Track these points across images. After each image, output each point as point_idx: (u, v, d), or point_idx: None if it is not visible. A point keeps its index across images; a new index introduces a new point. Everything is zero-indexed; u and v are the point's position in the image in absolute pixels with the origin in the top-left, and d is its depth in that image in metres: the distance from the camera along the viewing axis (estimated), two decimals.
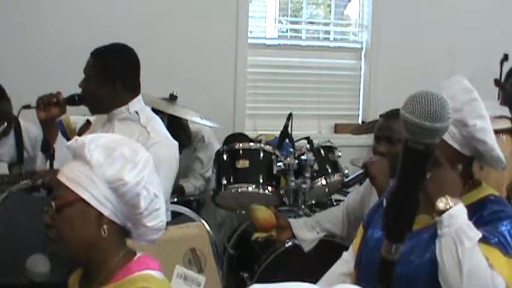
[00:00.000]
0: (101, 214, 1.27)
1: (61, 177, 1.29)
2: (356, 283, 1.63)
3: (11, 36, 3.57)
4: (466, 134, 1.46)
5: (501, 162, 1.50)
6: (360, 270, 1.66)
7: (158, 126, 2.34)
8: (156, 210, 1.30)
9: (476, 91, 1.49)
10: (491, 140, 1.46)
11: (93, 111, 2.43)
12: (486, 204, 1.47)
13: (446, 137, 1.40)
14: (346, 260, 1.79)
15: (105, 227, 1.27)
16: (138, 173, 1.26)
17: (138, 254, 1.34)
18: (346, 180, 2.29)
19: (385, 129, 2.26)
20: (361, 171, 2.26)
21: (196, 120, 3.14)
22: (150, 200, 1.28)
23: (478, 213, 1.45)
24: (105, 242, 1.28)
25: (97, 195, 1.25)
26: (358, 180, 2.29)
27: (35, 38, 3.59)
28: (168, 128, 2.43)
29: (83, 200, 1.26)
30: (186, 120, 3.32)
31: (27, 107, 2.37)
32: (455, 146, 1.46)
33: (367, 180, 2.31)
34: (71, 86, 2.35)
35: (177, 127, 3.10)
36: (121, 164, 1.26)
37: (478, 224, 1.41)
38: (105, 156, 1.26)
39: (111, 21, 3.64)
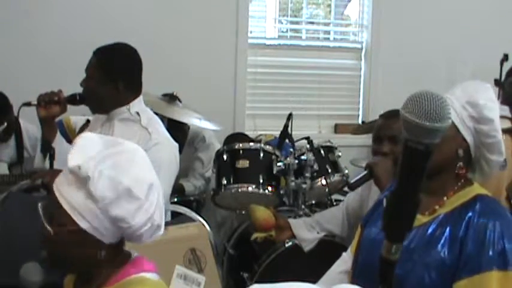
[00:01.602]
0: (99, 240, 1.23)
1: (61, 200, 1.22)
2: (352, 282, 1.63)
3: (14, 34, 3.57)
4: (474, 115, 1.47)
5: (500, 153, 1.50)
6: (356, 269, 1.66)
7: (159, 127, 2.34)
8: (156, 230, 1.28)
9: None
10: (498, 120, 1.48)
11: (94, 111, 2.43)
12: (476, 203, 1.47)
13: (453, 117, 1.40)
14: (345, 260, 1.80)
15: (103, 251, 1.24)
16: (145, 213, 1.21)
17: (133, 255, 1.33)
18: (351, 182, 2.27)
19: (387, 129, 2.25)
20: (365, 172, 2.25)
21: (195, 123, 3.13)
22: (153, 231, 1.26)
23: (468, 215, 1.45)
24: (102, 257, 1.26)
25: (99, 227, 1.21)
26: (363, 181, 2.27)
27: (38, 36, 3.60)
28: (168, 127, 2.43)
29: (83, 229, 1.21)
30: (188, 127, 3.33)
31: (28, 104, 2.36)
32: (460, 127, 1.46)
33: None
34: (73, 85, 2.35)
35: (176, 127, 3.09)
36: (127, 203, 1.19)
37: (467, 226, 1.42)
38: (110, 190, 1.18)
39: (111, 21, 3.65)
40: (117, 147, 1.26)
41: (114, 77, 2.27)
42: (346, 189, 3.04)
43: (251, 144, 2.96)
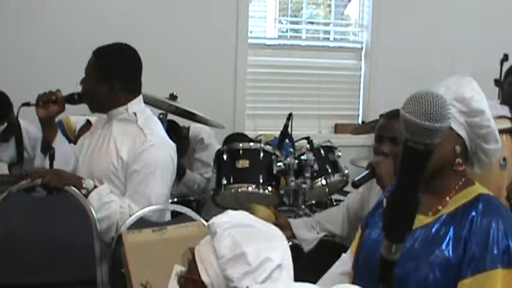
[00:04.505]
0: None
1: (196, 251, 1.31)
2: (353, 283, 1.63)
3: (12, 34, 3.57)
4: (464, 109, 1.46)
5: (496, 140, 1.50)
6: (357, 270, 1.66)
7: (156, 128, 2.33)
8: None
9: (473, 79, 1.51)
10: (488, 110, 1.48)
11: (93, 110, 2.43)
12: (479, 203, 1.47)
13: None
14: (345, 261, 1.79)
15: None
16: (252, 280, 1.24)
17: None
18: (355, 180, 2.27)
19: (388, 129, 2.25)
20: (367, 171, 2.25)
21: (195, 111, 3.13)
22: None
23: (471, 215, 1.45)
24: None
25: (215, 284, 1.26)
26: (367, 180, 2.27)
27: (38, 36, 3.59)
28: (167, 130, 2.43)
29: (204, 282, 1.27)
30: (188, 130, 3.32)
31: (27, 104, 2.37)
32: (452, 124, 1.45)
33: None
34: (73, 84, 2.35)
35: (176, 133, 3.09)
36: (239, 266, 1.24)
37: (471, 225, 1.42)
38: (229, 250, 1.25)
39: (111, 21, 3.65)
40: (262, 227, 1.34)
41: (111, 76, 2.27)
42: (347, 188, 3.05)
43: (251, 144, 2.96)
